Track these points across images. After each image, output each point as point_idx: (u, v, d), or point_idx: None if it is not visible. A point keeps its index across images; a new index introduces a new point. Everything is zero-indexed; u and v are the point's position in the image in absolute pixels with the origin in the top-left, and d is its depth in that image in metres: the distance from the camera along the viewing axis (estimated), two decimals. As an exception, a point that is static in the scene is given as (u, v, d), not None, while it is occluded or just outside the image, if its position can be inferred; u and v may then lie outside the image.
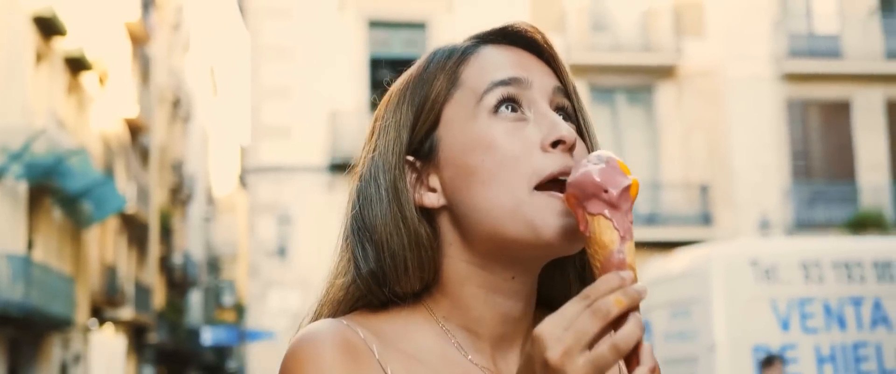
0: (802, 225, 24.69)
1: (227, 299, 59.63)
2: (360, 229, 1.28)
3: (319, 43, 24.77)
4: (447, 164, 1.25)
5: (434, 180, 1.27)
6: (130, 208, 35.69)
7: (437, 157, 1.27)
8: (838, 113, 26.16)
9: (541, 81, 1.27)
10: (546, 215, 1.19)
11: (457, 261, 1.27)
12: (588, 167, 1.11)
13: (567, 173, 1.19)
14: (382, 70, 25.41)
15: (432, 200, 1.27)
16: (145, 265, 41.95)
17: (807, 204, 25.38)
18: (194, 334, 49.37)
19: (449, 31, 24.77)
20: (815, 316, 9.24)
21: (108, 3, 33.36)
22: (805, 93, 25.90)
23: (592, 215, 1.11)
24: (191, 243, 54.85)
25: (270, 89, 24.88)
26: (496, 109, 1.23)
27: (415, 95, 1.29)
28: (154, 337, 42.94)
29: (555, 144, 1.21)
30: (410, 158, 1.28)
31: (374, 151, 1.30)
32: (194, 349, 51.47)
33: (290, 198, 24.37)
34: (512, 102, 1.24)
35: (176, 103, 49.42)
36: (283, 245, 24.23)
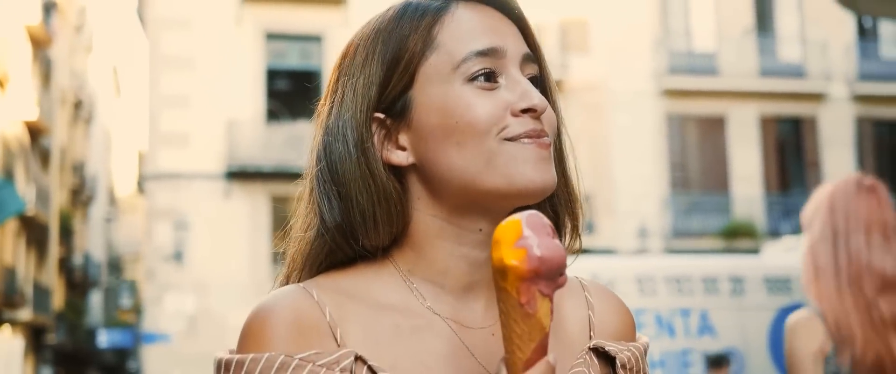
0: (679, 234, 25.87)
1: (126, 302, 59.43)
2: (327, 183, 1.30)
3: (217, 53, 25.37)
4: (420, 124, 1.27)
5: (404, 139, 1.29)
6: (30, 209, 35.80)
7: (409, 116, 1.28)
8: (714, 127, 27.43)
9: (514, 47, 1.29)
10: (519, 164, 1.24)
11: (425, 215, 1.30)
12: (549, 241, 1.10)
13: (533, 136, 1.26)
14: (279, 80, 26.18)
15: (401, 158, 1.29)
16: (45, 266, 41.94)
17: (684, 214, 26.58)
18: (94, 335, 49.29)
19: (344, 44, 25.49)
20: (647, 326, 10.27)
21: (7, 7, 33.52)
22: (683, 108, 27.10)
23: (544, 295, 1.10)
24: (91, 243, 54.72)
25: (169, 98, 25.38)
26: (472, 77, 1.26)
27: (385, 51, 1.29)
28: (53, 338, 42.87)
29: (525, 111, 1.25)
30: (380, 115, 1.29)
31: (340, 105, 1.31)
32: (94, 350, 51.33)
33: (187, 204, 24.92)
34: (488, 71, 1.26)
35: (77, 105, 49.36)
36: (179, 250, 24.75)
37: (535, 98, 1.25)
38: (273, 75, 26.02)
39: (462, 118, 1.24)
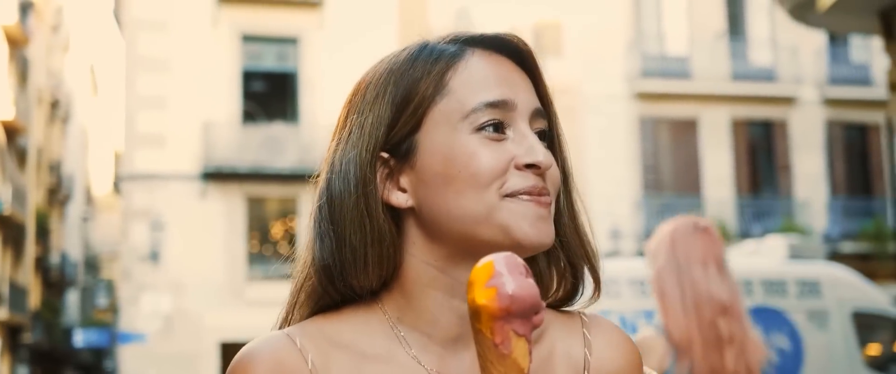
0: (651, 235, 26.08)
1: (102, 301, 59.36)
2: (324, 221, 1.29)
3: (194, 55, 25.52)
4: (423, 169, 1.26)
5: (405, 181, 1.28)
6: (7, 209, 35.85)
7: (413, 159, 1.27)
8: (687, 130, 27.70)
9: (524, 101, 1.29)
10: (517, 219, 1.24)
11: (418, 261, 1.29)
12: (521, 280, 1.08)
13: (533, 193, 1.25)
14: (255, 82, 26.32)
15: (401, 200, 1.28)
16: (21, 266, 41.94)
17: (656, 216, 26.79)
18: (70, 334, 49.28)
19: (319, 47, 25.76)
20: (611, 327, 10.54)
21: (-15, 7, 33.56)
22: (656, 111, 27.36)
23: (519, 335, 1.08)
24: (68, 242, 54.69)
25: (145, 99, 25.51)
26: (480, 127, 1.25)
27: (396, 92, 1.28)
28: (29, 337, 42.87)
29: (529, 166, 1.25)
30: (384, 155, 1.29)
31: (346, 142, 1.31)
32: (70, 350, 51.30)
33: (164, 205, 25.06)
34: (496, 122, 1.26)
35: (54, 104, 49.35)
36: (155, 250, 24.88)
37: (540, 155, 1.25)
38: (249, 77, 26.20)
39: (465, 167, 1.24)
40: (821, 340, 11.52)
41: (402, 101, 1.28)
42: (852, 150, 28.69)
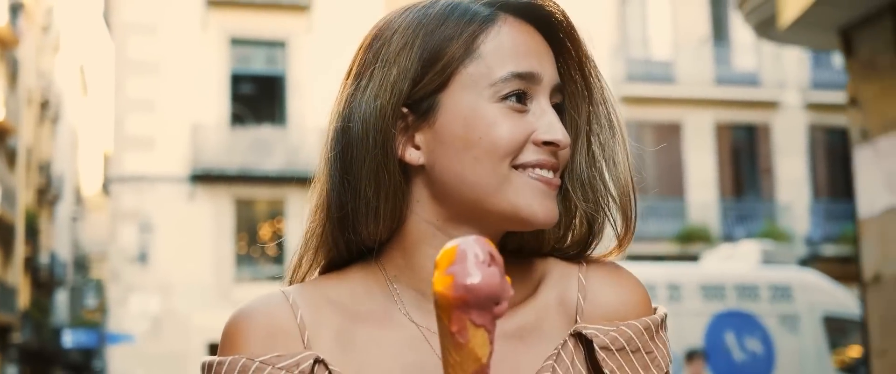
0: (635, 238, 25.57)
1: (91, 301, 59.45)
2: (337, 169, 1.28)
3: (183, 58, 25.76)
4: (443, 130, 1.25)
5: (421, 139, 1.26)
6: (-4, 209, 36.01)
7: (433, 118, 1.25)
8: (671, 134, 27.95)
9: (549, 75, 1.28)
10: (527, 196, 1.24)
11: (419, 220, 1.28)
12: (481, 270, 1.05)
13: (545, 166, 1.25)
14: (243, 85, 26.55)
15: (414, 157, 1.26)
16: (11, 266, 42.04)
17: (640, 218, 26.75)
18: (59, 334, 49.36)
19: (307, 50, 26.00)
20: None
21: (-25, 9, 33.71)
22: (640, 114, 27.57)
23: (477, 325, 1.06)
24: (57, 242, 54.77)
25: (135, 101, 25.75)
26: (506, 96, 1.23)
27: (425, 47, 1.26)
28: (18, 337, 42.93)
29: (547, 143, 1.24)
30: (404, 110, 1.26)
31: (366, 90, 1.27)
32: (59, 349, 51.36)
33: (152, 206, 25.28)
34: (521, 92, 1.24)
35: (44, 104, 49.46)
36: (144, 252, 25.10)
37: (559, 133, 1.25)
38: (237, 80, 26.45)
39: (486, 135, 1.22)
40: (792, 343, 11.84)
41: (430, 57, 1.25)
42: (834, 154, 28.97)
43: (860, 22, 7.28)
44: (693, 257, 21.65)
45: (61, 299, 57.44)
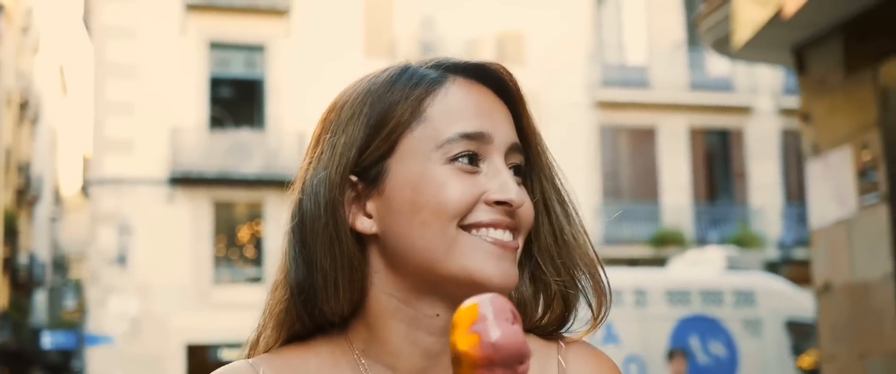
0: (611, 241, 26.65)
1: (70, 303, 59.39)
2: (296, 242, 1.25)
3: (162, 62, 25.92)
4: (392, 195, 1.22)
5: (372, 207, 1.24)
6: (-25, 210, 36.02)
7: (382, 185, 1.23)
8: (645, 138, 28.31)
9: (502, 135, 1.24)
10: (479, 259, 1.20)
11: (380, 292, 1.25)
12: (506, 328, 1.01)
13: (499, 226, 1.21)
14: (222, 88, 26.73)
15: (366, 225, 1.24)
16: (-11, 267, 42.01)
17: (615, 222, 27.40)
18: (38, 334, 49.34)
19: (286, 54, 26.21)
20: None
21: (-45, 11, 33.73)
22: (615, 119, 27.94)
23: None
24: (36, 243, 54.73)
25: (114, 104, 25.90)
26: (454, 158, 1.21)
27: (371, 115, 1.24)
28: (-3, 338, 42.93)
29: (499, 203, 1.20)
30: (353, 178, 1.24)
31: (318, 162, 1.26)
32: (38, 350, 51.31)
33: (131, 209, 25.45)
34: (471, 154, 1.21)
35: (24, 105, 49.45)
36: (123, 254, 25.24)
37: (512, 192, 1.20)
38: (216, 83, 26.65)
39: (433, 197, 1.19)
40: (755, 347, 12.15)
41: (376, 124, 1.23)
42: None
43: (811, 41, 7.58)
44: (667, 261, 21.94)
45: (40, 299, 57.36)
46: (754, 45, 7.53)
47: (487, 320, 1.01)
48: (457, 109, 1.23)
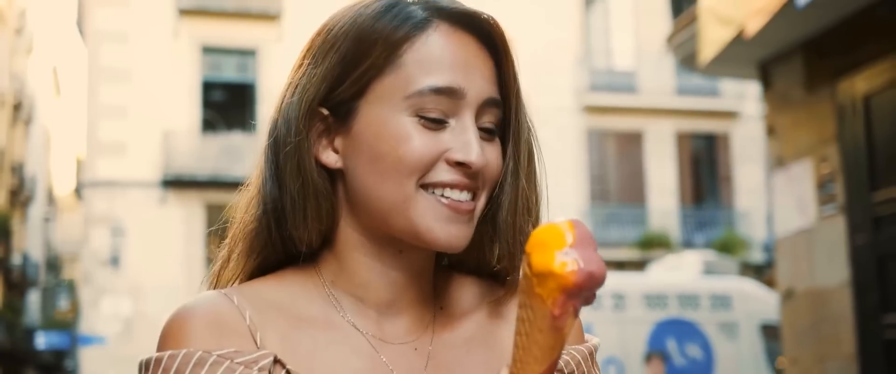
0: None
1: (63, 303, 59.53)
2: (270, 162, 1.25)
3: (155, 66, 26.19)
4: (357, 138, 1.20)
5: (339, 143, 1.23)
6: (-31, 212, 36.23)
7: (350, 124, 1.21)
8: (632, 142, 28.59)
9: (476, 90, 1.20)
10: (428, 219, 1.18)
11: (345, 224, 1.24)
12: (597, 258, 0.98)
13: (457, 187, 1.18)
14: (215, 92, 26.96)
15: (331, 159, 1.23)
16: (-17, 267, 42.17)
17: (602, 225, 27.65)
18: (32, 334, 49.51)
19: (277, 58, 26.46)
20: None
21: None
22: (603, 123, 28.22)
23: (575, 313, 1.00)
24: (30, 243, 54.87)
25: (107, 108, 26.17)
26: (421, 111, 1.18)
27: (348, 51, 1.20)
28: (-10, 338, 43.07)
29: (460, 164, 1.18)
30: (324, 110, 1.22)
31: (295, 88, 1.24)
32: (32, 350, 51.47)
33: (124, 211, 25.72)
34: (439, 111, 1.18)
35: (17, 106, 49.63)
36: (116, 255, 25.48)
37: (473, 153, 1.17)
38: (209, 87, 26.93)
39: (393, 150, 1.17)
40: (731, 350, 12.49)
41: (351, 60, 1.20)
42: (792, 162, 29.55)
43: (775, 58, 7.92)
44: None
45: (33, 299, 57.48)
46: (721, 61, 7.86)
47: (581, 247, 0.98)
48: (432, 60, 1.19)
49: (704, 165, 29.53)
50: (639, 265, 23.91)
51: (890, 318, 6.81)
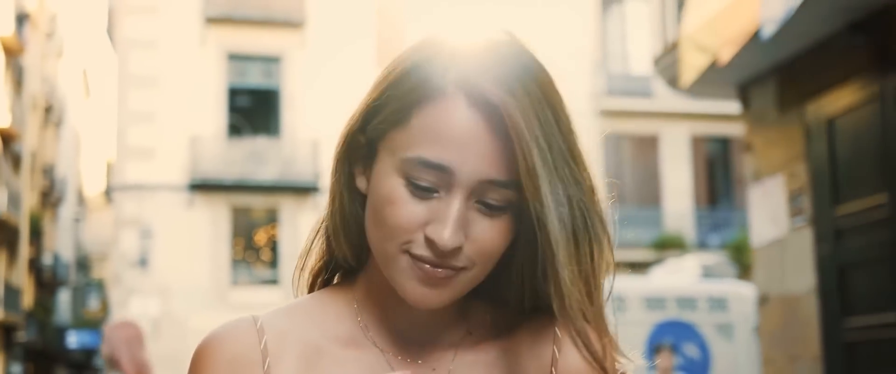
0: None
1: (93, 302, 60.27)
2: (333, 176, 1.28)
3: (182, 72, 26.88)
4: (373, 178, 1.20)
5: (369, 173, 1.22)
6: (2, 212, 36.90)
7: (373, 160, 1.21)
8: (648, 146, 29.10)
9: (470, 170, 1.14)
10: (404, 278, 1.17)
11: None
12: None
13: (427, 262, 1.15)
14: (240, 98, 27.60)
15: (362, 186, 1.23)
16: (15, 267, 42.77)
17: (618, 227, 27.96)
18: (62, 333, 50.19)
19: (301, 65, 27.08)
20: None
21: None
22: (619, 127, 28.62)
23: None
24: (60, 243, 55.56)
25: (136, 114, 26.89)
26: (412, 178, 1.15)
27: (380, 94, 1.19)
28: (22, 336, 43.58)
29: (429, 241, 1.15)
30: (362, 138, 1.22)
31: (353, 111, 1.25)
32: (62, 348, 52.13)
33: (152, 214, 26.42)
34: (428, 182, 1.15)
35: (48, 109, 50.32)
36: (144, 257, 26.18)
37: (445, 236, 1.13)
38: (234, 93, 27.58)
39: (381, 209, 1.16)
40: (727, 350, 13.03)
41: (376, 107, 1.20)
42: (805, 165, 29.87)
43: (752, 81, 8.54)
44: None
45: (64, 298, 58.14)
46: (703, 83, 8.47)
47: None
48: (431, 130, 1.15)
49: (719, 168, 29.92)
50: (654, 266, 24.34)
51: (850, 322, 7.41)
